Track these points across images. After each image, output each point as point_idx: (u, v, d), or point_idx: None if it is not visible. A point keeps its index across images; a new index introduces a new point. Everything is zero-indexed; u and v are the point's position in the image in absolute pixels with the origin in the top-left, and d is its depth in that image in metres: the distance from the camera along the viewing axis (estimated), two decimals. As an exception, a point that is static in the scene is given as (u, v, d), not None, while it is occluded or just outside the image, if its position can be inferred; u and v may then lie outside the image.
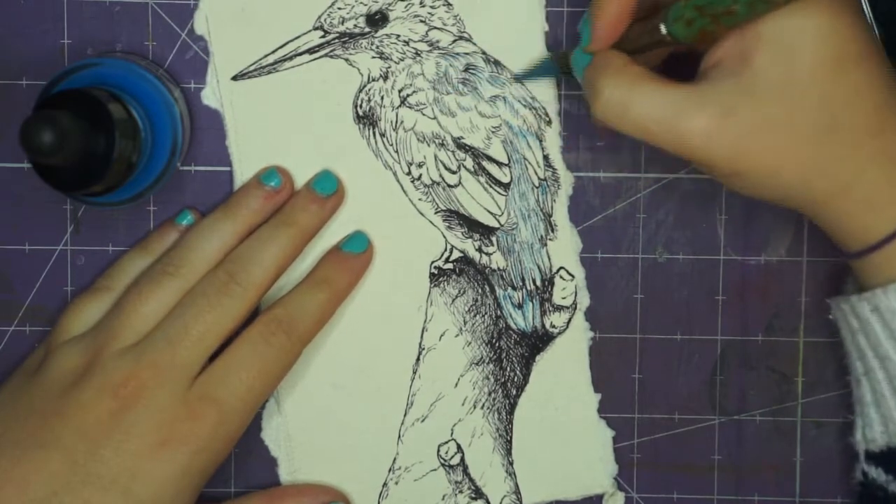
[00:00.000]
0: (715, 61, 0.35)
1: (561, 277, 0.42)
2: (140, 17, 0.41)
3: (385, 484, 0.42)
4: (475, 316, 0.42)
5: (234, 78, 0.41)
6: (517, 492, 0.42)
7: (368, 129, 0.42)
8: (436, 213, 0.42)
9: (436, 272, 0.42)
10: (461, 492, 0.42)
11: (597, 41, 0.36)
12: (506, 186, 0.42)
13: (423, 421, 0.42)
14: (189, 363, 0.37)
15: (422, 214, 0.42)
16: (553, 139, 0.42)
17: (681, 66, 0.38)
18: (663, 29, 0.35)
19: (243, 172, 0.41)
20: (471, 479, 0.42)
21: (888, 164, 0.35)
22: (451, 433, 0.42)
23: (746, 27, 0.34)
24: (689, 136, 0.34)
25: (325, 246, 0.42)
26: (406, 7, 0.41)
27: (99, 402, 0.37)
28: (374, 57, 0.41)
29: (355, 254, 0.41)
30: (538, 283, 0.42)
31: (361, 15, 0.41)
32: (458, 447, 0.42)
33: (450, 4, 0.41)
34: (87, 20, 0.41)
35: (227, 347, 0.39)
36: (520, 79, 0.41)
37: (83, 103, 0.36)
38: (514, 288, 0.42)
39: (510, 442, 0.42)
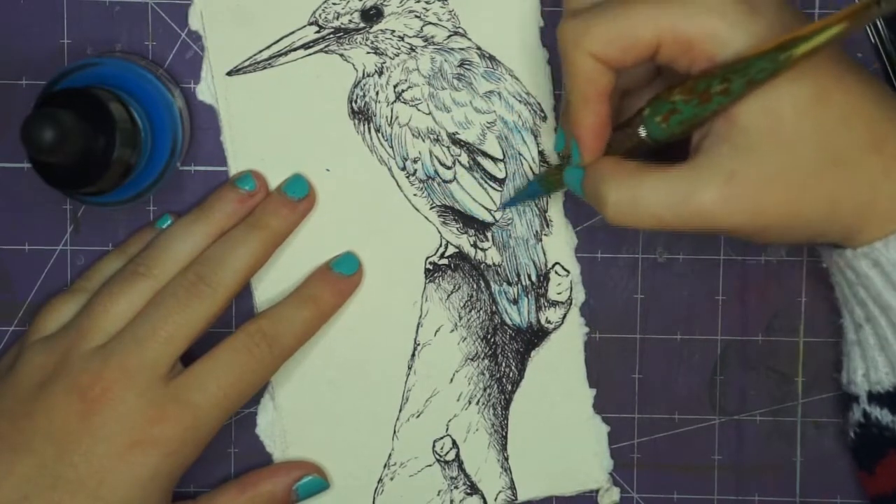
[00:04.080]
0: (704, 132, 0.38)
1: (556, 273, 0.46)
2: (140, 17, 0.44)
3: (380, 479, 0.46)
4: (470, 311, 0.46)
5: (229, 73, 0.45)
6: (512, 487, 0.46)
7: (363, 125, 0.45)
8: (431, 208, 0.46)
9: (431, 268, 0.46)
10: (456, 487, 0.46)
11: (588, 154, 0.39)
12: (501, 182, 0.46)
13: (418, 416, 0.46)
14: (157, 364, 0.40)
15: (417, 210, 0.46)
16: (549, 134, 0.45)
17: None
18: (643, 132, 0.38)
19: (238, 168, 0.45)
20: (466, 475, 0.46)
21: None
22: (447, 429, 0.46)
23: None
24: (702, 213, 0.37)
25: (321, 245, 0.45)
26: (401, 2, 0.45)
27: (67, 405, 0.40)
28: (368, 52, 0.45)
29: (345, 275, 0.44)
30: (533, 278, 0.46)
31: (356, 10, 0.45)
32: (454, 443, 0.46)
33: (445, 0, 0.45)
34: (87, 20, 0.44)
35: (207, 353, 0.42)
36: (507, 206, 0.45)
37: (84, 102, 0.39)
38: (509, 283, 0.46)
39: (505, 437, 0.46)
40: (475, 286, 0.46)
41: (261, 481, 0.44)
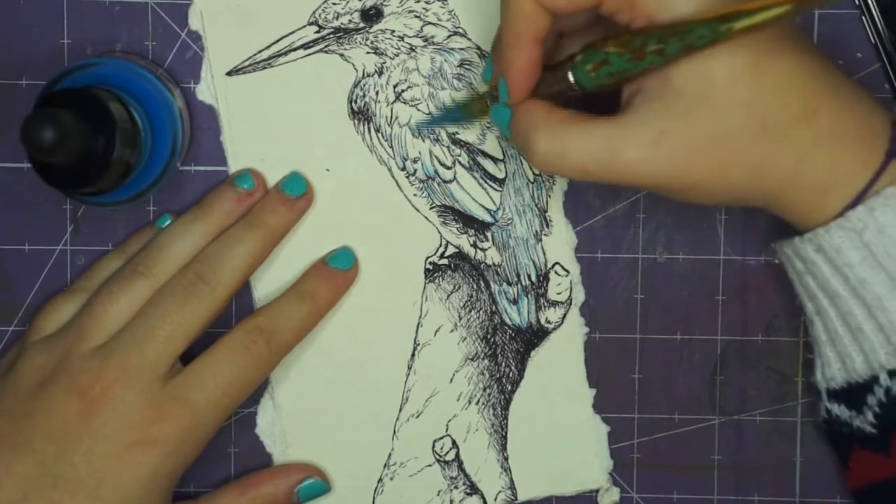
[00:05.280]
0: (635, 88, 0.38)
1: (556, 273, 0.46)
2: (140, 17, 0.45)
3: (380, 479, 0.46)
4: (470, 311, 0.46)
5: (229, 73, 0.45)
6: (512, 487, 0.47)
7: (363, 125, 0.46)
8: (431, 208, 0.46)
9: (431, 268, 0.46)
10: (456, 487, 0.46)
11: (515, 94, 0.39)
12: (501, 182, 0.46)
13: (417, 416, 0.46)
14: (157, 363, 0.41)
15: (417, 210, 0.46)
16: None
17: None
18: (571, 78, 0.38)
19: (237, 168, 0.45)
20: (466, 475, 0.46)
21: (828, 146, 0.38)
22: (446, 429, 0.46)
23: None
24: (628, 169, 0.38)
25: (320, 245, 0.46)
26: (400, 2, 0.45)
27: (67, 404, 0.40)
28: (368, 52, 0.45)
29: (341, 270, 0.45)
30: (533, 278, 0.46)
31: (356, 10, 0.45)
32: (453, 443, 0.46)
33: (445, 0, 0.46)
34: (87, 20, 0.45)
35: (204, 351, 0.42)
36: (422, 126, 0.45)
37: (84, 102, 0.39)
38: (509, 283, 0.46)
39: (505, 437, 0.46)
40: (475, 286, 0.46)
41: (262, 483, 0.45)
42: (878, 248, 0.38)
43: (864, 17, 0.45)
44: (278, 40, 0.46)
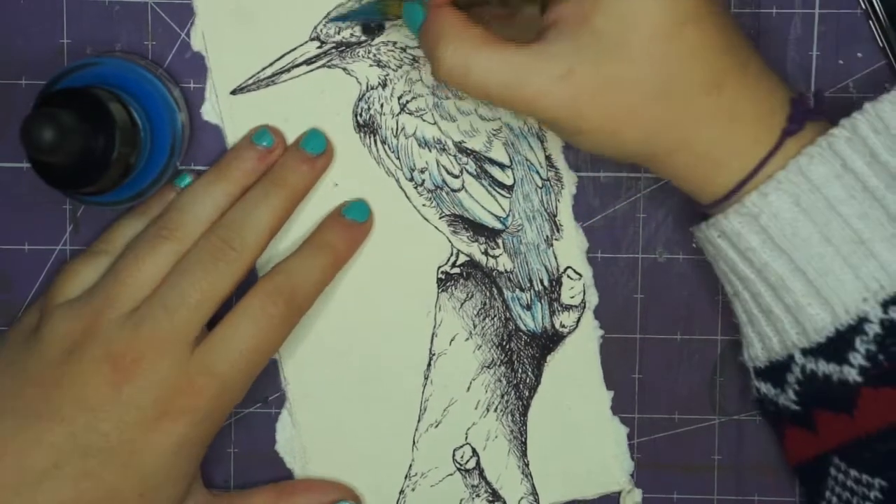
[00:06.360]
0: (553, 20, 0.35)
1: (568, 277, 0.41)
2: (140, 17, 0.41)
3: (402, 491, 0.41)
4: (484, 319, 0.41)
5: (233, 92, 0.40)
6: (534, 493, 0.42)
7: (369, 138, 0.41)
8: (440, 218, 0.41)
9: (443, 277, 0.41)
10: (478, 495, 0.41)
11: None
12: (509, 188, 0.41)
13: (437, 426, 0.41)
14: (187, 332, 0.37)
15: (426, 220, 0.41)
16: (554, 139, 0.42)
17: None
18: None
19: None
20: (487, 483, 0.41)
21: (724, 121, 0.35)
22: (466, 437, 0.41)
23: None
24: (529, 98, 0.34)
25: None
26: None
27: (98, 373, 0.36)
28: (371, 65, 0.41)
29: (358, 222, 0.40)
30: (546, 283, 0.41)
31: (357, 24, 0.41)
32: (474, 451, 0.41)
33: None
34: (87, 20, 0.41)
35: (226, 316, 0.38)
36: (336, 20, 0.40)
37: (83, 102, 0.36)
38: (522, 289, 0.41)
39: (525, 443, 0.41)
40: (488, 293, 0.41)
41: (297, 493, 0.40)
42: (774, 231, 0.35)
43: (871, 21, 0.41)
44: (281, 57, 0.41)
